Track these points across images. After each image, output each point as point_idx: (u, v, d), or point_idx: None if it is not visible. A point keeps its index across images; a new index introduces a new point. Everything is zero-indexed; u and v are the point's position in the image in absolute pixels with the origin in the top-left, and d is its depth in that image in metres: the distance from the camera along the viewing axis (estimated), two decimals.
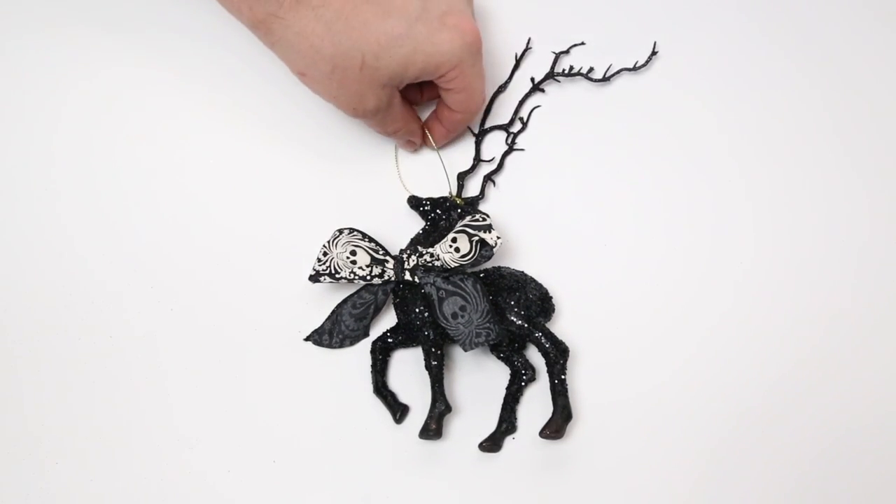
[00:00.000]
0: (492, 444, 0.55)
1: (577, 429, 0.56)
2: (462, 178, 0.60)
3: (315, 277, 0.56)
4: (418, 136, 0.59)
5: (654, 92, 0.62)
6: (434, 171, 0.60)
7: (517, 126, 0.61)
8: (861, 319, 0.58)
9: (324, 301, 0.58)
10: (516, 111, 0.61)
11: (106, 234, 0.59)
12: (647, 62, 0.62)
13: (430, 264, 0.55)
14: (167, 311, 0.58)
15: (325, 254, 0.56)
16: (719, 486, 0.56)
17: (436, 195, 0.59)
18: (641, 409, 0.56)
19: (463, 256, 0.55)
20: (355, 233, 0.56)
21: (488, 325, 0.54)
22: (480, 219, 0.55)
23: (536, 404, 0.56)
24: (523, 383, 0.56)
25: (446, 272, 0.55)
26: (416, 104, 0.60)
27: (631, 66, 0.62)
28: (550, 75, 0.61)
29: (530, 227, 0.60)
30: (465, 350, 0.54)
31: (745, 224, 0.60)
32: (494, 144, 0.61)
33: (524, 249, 0.59)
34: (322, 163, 0.61)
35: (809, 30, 0.63)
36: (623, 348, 0.57)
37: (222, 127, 0.61)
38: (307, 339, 0.58)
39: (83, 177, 0.60)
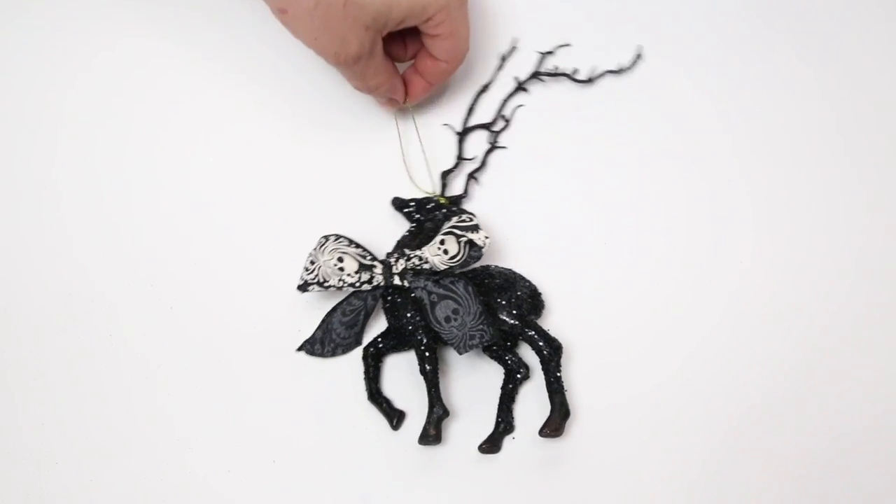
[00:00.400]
0: (491, 445, 0.54)
1: (576, 425, 0.56)
2: (445, 176, 0.59)
3: (304, 287, 0.55)
4: (401, 94, 0.58)
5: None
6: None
7: (500, 124, 0.61)
8: (861, 319, 0.58)
9: (324, 299, 0.58)
10: (500, 110, 0.61)
11: (105, 233, 0.59)
12: (631, 65, 0.62)
13: (418, 267, 0.55)
14: (167, 309, 0.58)
15: (312, 262, 0.55)
16: (719, 481, 0.56)
17: (420, 195, 0.58)
18: (638, 403, 0.56)
19: (452, 258, 0.55)
20: (341, 239, 0.55)
21: (482, 326, 0.53)
22: (467, 219, 0.55)
23: (532, 402, 0.56)
24: (518, 382, 0.56)
25: (436, 275, 0.55)
26: (400, 61, 0.58)
27: (615, 69, 0.62)
28: (535, 75, 0.61)
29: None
30: (460, 353, 0.53)
31: (732, 221, 0.60)
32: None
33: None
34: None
35: (799, 28, 0.63)
36: (616, 343, 0.57)
37: (222, 126, 0.61)
38: (300, 349, 0.57)
39: (83, 175, 0.60)
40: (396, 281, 0.55)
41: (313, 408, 0.56)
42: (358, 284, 0.55)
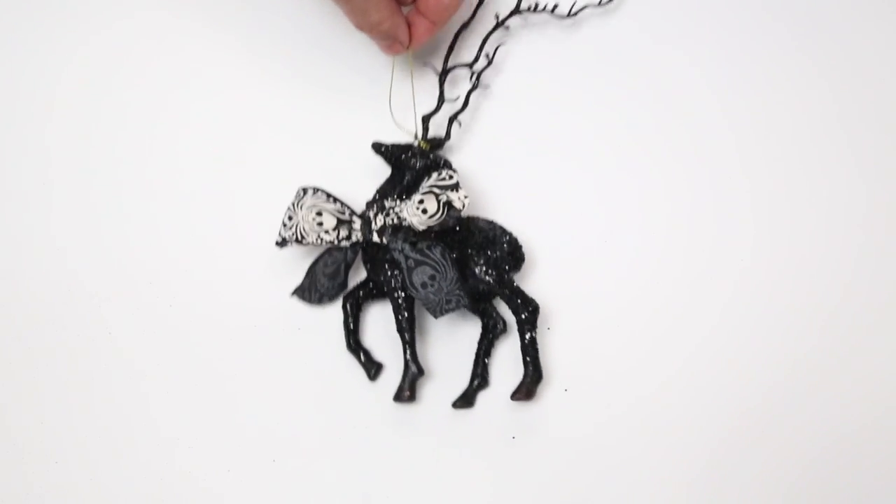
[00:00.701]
0: (465, 401, 0.56)
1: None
2: (427, 120, 0.58)
3: (282, 243, 0.55)
4: (405, 35, 0.56)
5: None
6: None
7: (482, 63, 0.59)
8: (861, 319, 0.57)
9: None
10: (481, 48, 0.59)
11: (104, 232, 0.59)
12: None
13: (397, 224, 0.55)
14: (166, 307, 0.58)
15: (290, 217, 0.55)
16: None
17: (402, 140, 0.57)
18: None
19: (430, 217, 0.54)
20: (320, 193, 0.55)
21: (458, 292, 0.54)
22: (447, 177, 0.54)
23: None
24: (495, 335, 0.57)
25: (414, 236, 0.55)
26: (402, 3, 0.56)
27: (597, 2, 0.59)
28: (516, 11, 0.58)
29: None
30: (436, 317, 0.54)
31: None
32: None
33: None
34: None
35: None
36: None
37: (213, 119, 0.60)
38: (293, 293, 0.58)
39: (79, 172, 0.60)
40: (375, 238, 0.55)
41: (313, 402, 0.57)
42: (336, 241, 0.55)
